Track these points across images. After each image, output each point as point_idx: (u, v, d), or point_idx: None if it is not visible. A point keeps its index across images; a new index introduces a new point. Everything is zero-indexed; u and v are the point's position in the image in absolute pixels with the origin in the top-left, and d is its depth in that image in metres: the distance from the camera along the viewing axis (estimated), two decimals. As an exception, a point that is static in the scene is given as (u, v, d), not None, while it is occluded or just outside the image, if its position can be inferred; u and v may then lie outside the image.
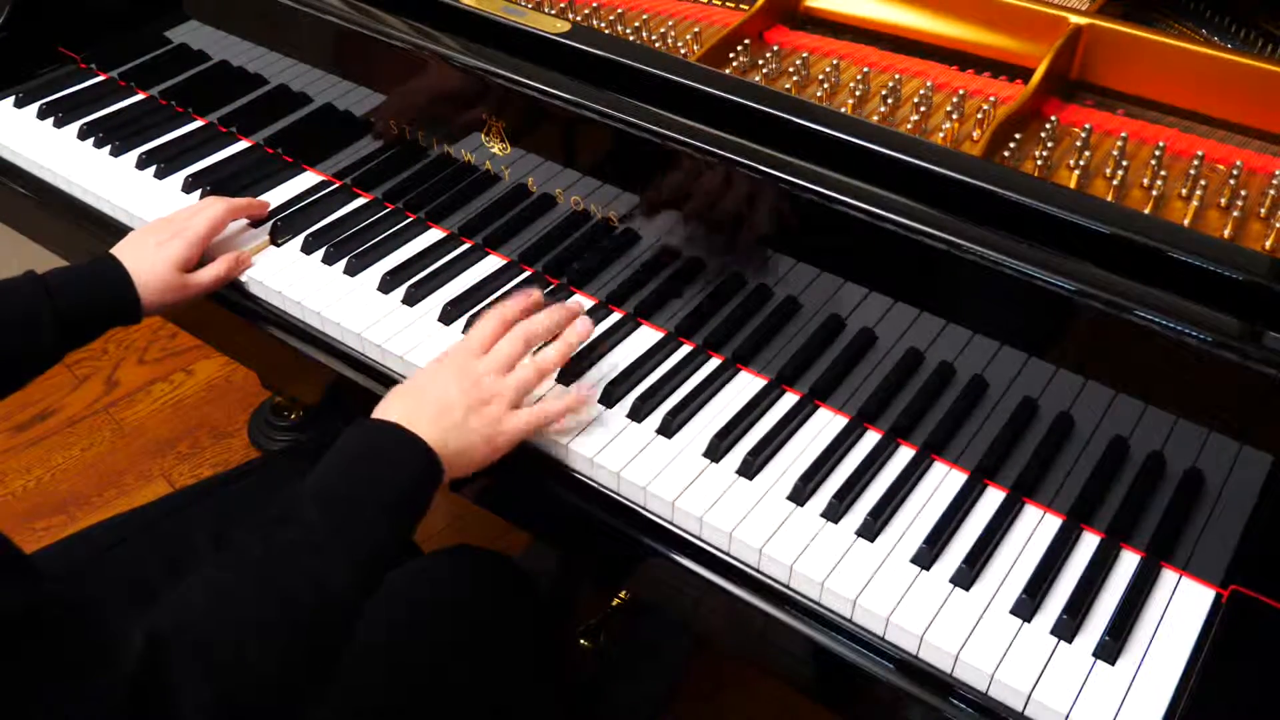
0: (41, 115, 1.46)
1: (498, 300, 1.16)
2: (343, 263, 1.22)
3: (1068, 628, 0.87)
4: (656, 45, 1.22)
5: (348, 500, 0.86)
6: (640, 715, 1.65)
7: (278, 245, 1.25)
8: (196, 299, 1.18)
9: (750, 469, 0.99)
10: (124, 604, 1.05)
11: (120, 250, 1.15)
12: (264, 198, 1.31)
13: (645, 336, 1.13)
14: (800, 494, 0.97)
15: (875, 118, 1.10)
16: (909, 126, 1.07)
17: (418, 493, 0.90)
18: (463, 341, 1.03)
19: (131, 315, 1.13)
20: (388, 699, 1.03)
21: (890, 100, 1.12)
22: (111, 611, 0.73)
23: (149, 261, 1.14)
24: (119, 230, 1.31)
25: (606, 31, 1.25)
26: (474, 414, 0.95)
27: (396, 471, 0.90)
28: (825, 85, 1.14)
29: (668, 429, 1.03)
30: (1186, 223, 0.96)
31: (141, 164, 1.38)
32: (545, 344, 1.05)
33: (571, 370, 1.08)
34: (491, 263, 1.22)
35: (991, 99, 1.10)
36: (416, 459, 0.91)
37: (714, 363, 1.10)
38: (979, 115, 1.09)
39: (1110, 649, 0.85)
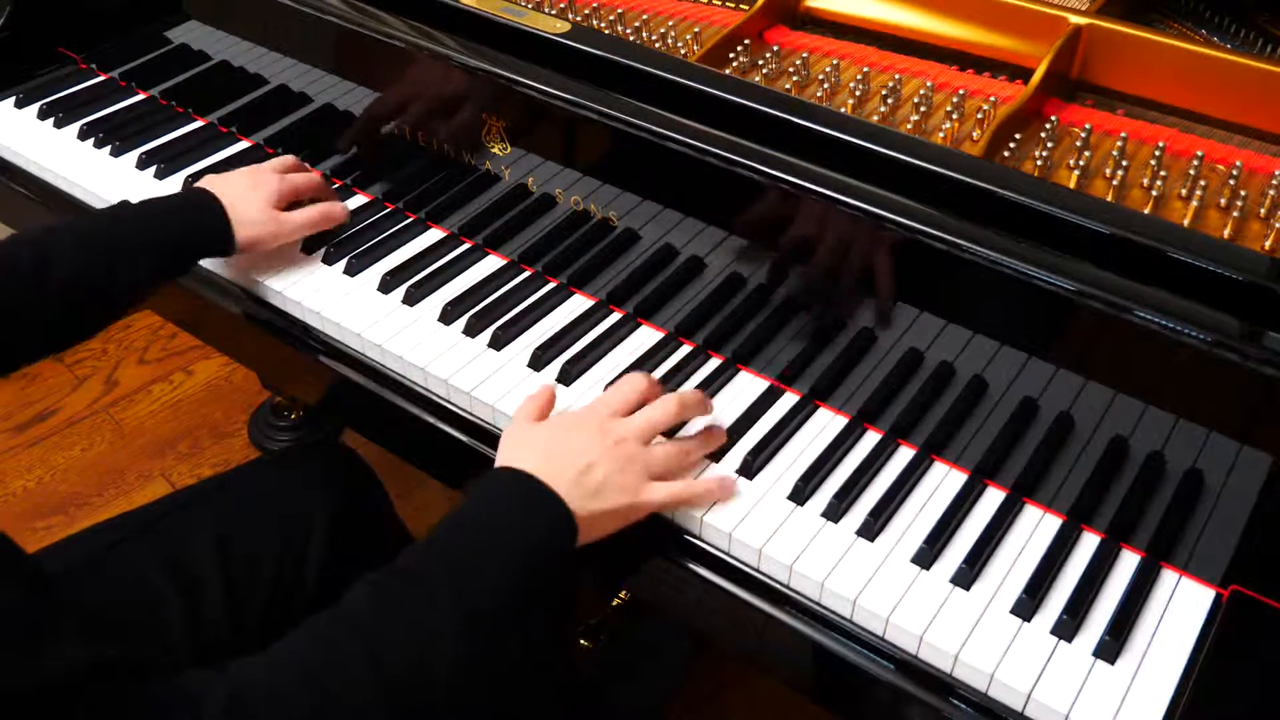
0: (42, 115, 1.47)
1: (492, 289, 1.16)
2: (343, 263, 1.22)
3: (1068, 627, 0.87)
4: (656, 45, 1.22)
5: (469, 553, 0.82)
6: (641, 715, 1.65)
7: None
8: (286, 238, 1.19)
9: (750, 469, 0.99)
10: (125, 604, 1.06)
11: (214, 184, 1.17)
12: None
13: (645, 336, 1.13)
14: (800, 494, 0.97)
15: (875, 118, 1.10)
16: (909, 126, 1.07)
17: (548, 553, 0.85)
18: (602, 399, 0.97)
19: (225, 247, 1.15)
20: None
21: (890, 100, 1.12)
22: (183, 664, 0.73)
23: (243, 197, 1.16)
24: (119, 230, 1.30)
25: (606, 31, 1.25)
26: (613, 477, 0.89)
27: (528, 528, 0.85)
28: (825, 85, 1.14)
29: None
30: (1186, 223, 0.96)
31: (142, 164, 1.38)
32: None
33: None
34: (491, 263, 1.22)
35: (991, 99, 1.10)
36: (552, 517, 0.86)
37: (714, 363, 1.10)
38: (979, 115, 1.09)
39: (1110, 649, 0.85)
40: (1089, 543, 0.94)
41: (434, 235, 1.26)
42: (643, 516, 0.93)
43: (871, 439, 1.03)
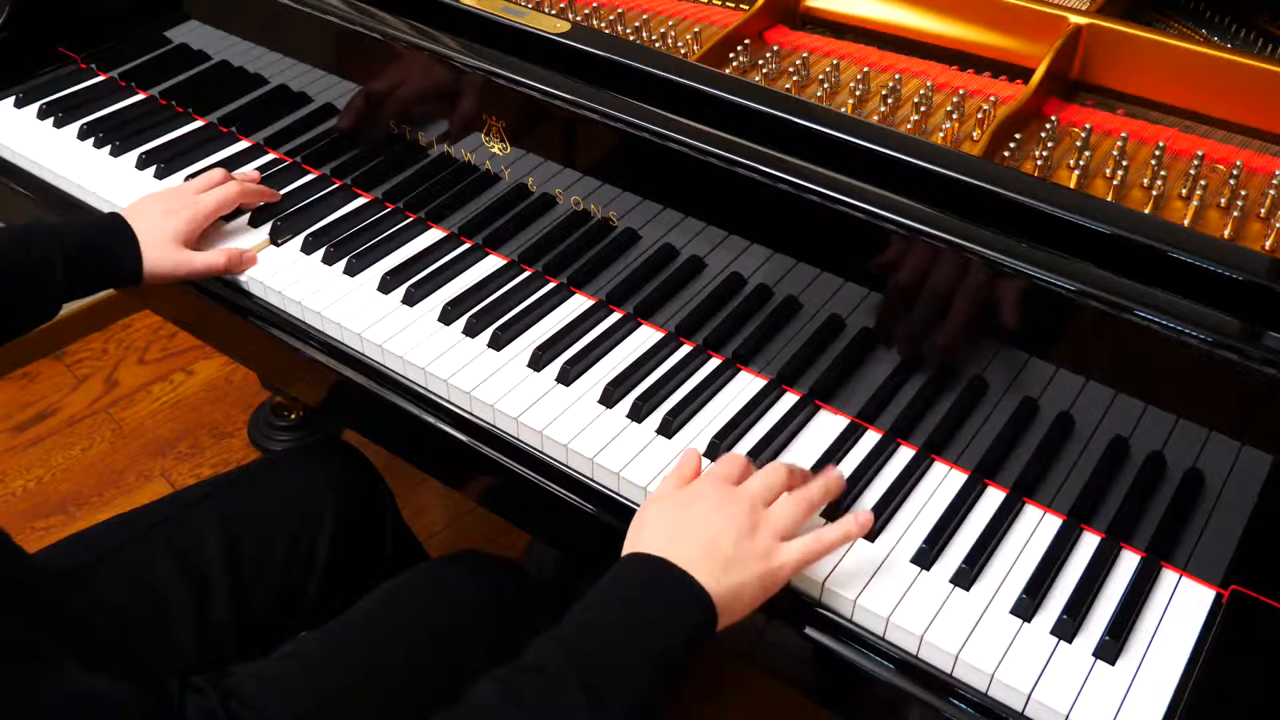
0: (42, 115, 1.47)
1: (492, 289, 1.16)
2: (343, 263, 1.22)
3: (1068, 628, 0.87)
4: (656, 45, 1.22)
5: (607, 650, 0.78)
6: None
7: (278, 245, 1.25)
8: (186, 279, 1.20)
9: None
10: (131, 604, 1.06)
11: (129, 213, 1.18)
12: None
13: (645, 336, 1.13)
14: (800, 494, 0.97)
15: (875, 118, 1.10)
16: (909, 126, 1.07)
17: (690, 645, 0.80)
18: (715, 469, 0.92)
19: (133, 279, 1.17)
20: (391, 698, 1.03)
21: (890, 100, 1.12)
22: (191, 664, 0.72)
23: (150, 228, 1.17)
24: (119, 230, 1.31)
25: (606, 31, 1.25)
26: (744, 544, 0.84)
27: (668, 619, 0.80)
28: (825, 85, 1.14)
29: (668, 429, 1.03)
30: (1186, 223, 0.96)
31: (142, 164, 1.38)
32: None
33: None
34: (491, 263, 1.22)
35: (991, 99, 1.10)
36: (690, 605, 0.80)
37: (714, 363, 1.10)
38: (979, 115, 1.09)
39: (1110, 649, 0.85)
40: (1089, 543, 0.94)
41: (434, 235, 1.26)
42: (784, 581, 0.87)
43: (871, 439, 1.03)
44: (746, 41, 1.19)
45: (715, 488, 0.89)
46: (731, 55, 1.19)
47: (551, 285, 1.19)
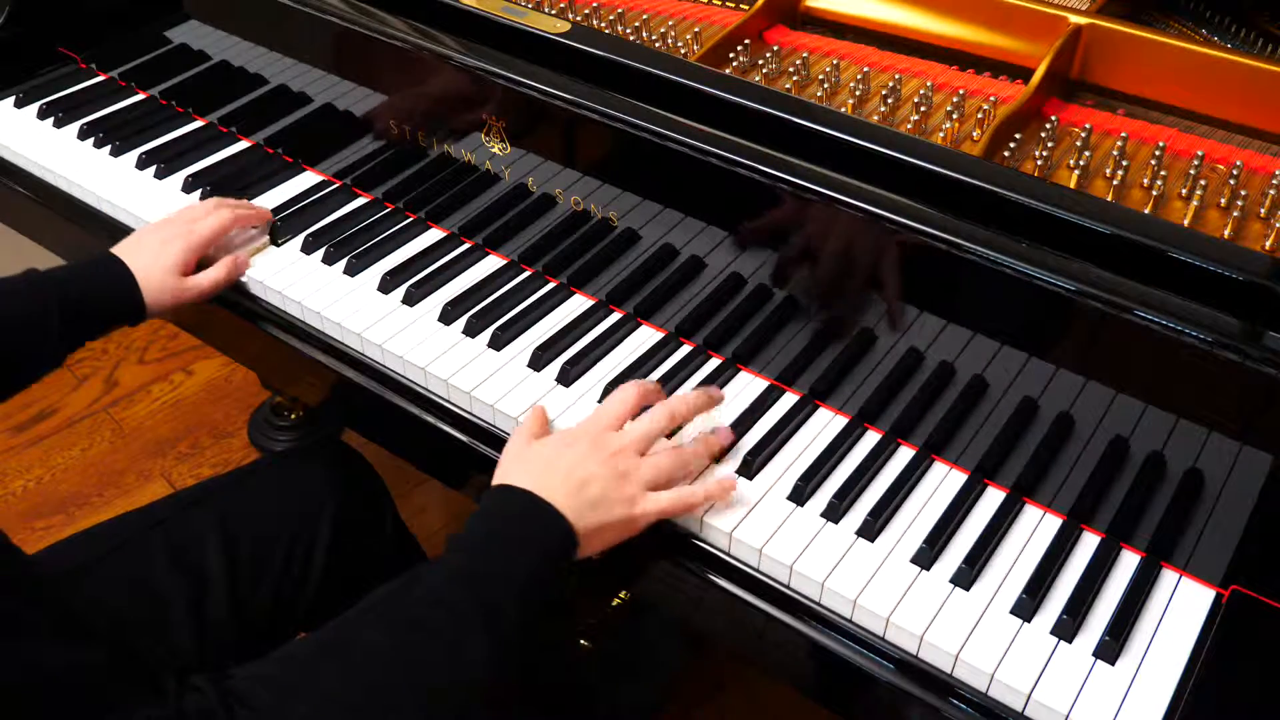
0: (42, 115, 1.47)
1: (492, 289, 1.16)
2: (343, 263, 1.22)
3: (1068, 628, 0.87)
4: (656, 45, 1.22)
5: (477, 580, 0.83)
6: (638, 714, 1.64)
7: (278, 245, 1.25)
8: (195, 303, 1.18)
9: (750, 469, 0.99)
10: (129, 604, 1.06)
11: (123, 249, 1.16)
12: (264, 198, 1.32)
13: (645, 336, 1.13)
14: (800, 494, 0.97)
15: (875, 118, 1.10)
16: (909, 126, 1.07)
17: (549, 571, 0.86)
18: (597, 413, 0.97)
19: (135, 316, 1.14)
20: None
21: (890, 100, 1.12)
22: (188, 665, 0.73)
23: (149, 262, 1.14)
24: (119, 230, 1.31)
25: (606, 31, 1.25)
26: (611, 490, 0.90)
27: (529, 546, 0.86)
28: (825, 85, 1.14)
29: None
30: (1186, 223, 0.96)
31: (142, 164, 1.38)
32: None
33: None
34: (491, 263, 1.22)
35: (991, 99, 1.10)
36: (555, 536, 0.87)
37: (714, 363, 1.10)
38: (979, 115, 1.09)
39: (1110, 649, 0.85)
40: (1089, 543, 0.94)
41: (434, 235, 1.26)
42: (644, 527, 0.93)
43: (871, 439, 1.03)
44: (746, 41, 1.19)
45: (593, 433, 0.94)
46: (731, 55, 1.19)
47: (551, 285, 1.19)
